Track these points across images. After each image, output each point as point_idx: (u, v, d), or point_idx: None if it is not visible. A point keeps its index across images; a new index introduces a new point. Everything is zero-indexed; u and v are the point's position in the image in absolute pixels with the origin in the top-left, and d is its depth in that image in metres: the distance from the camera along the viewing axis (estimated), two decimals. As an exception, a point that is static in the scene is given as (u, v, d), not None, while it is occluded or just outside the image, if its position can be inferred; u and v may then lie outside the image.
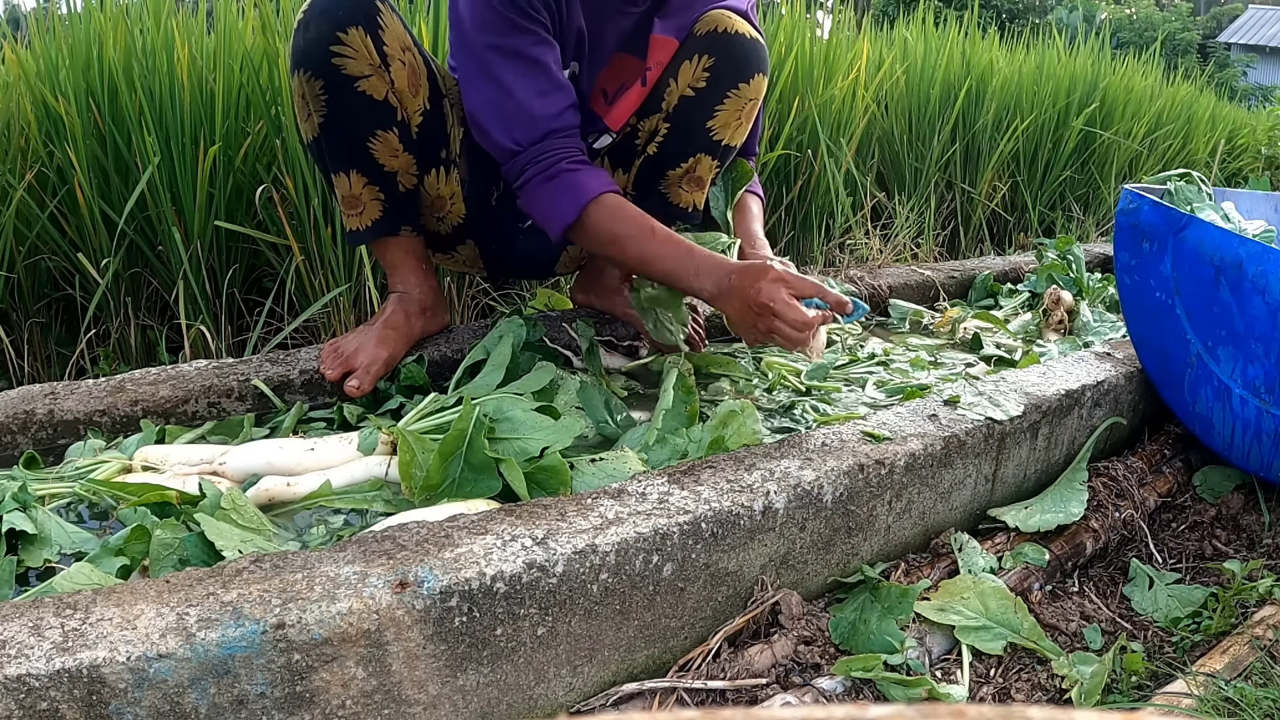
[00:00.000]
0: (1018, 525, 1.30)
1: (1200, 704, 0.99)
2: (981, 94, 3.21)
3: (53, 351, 1.88)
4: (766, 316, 1.28)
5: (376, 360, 1.42)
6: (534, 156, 1.35)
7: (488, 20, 1.32)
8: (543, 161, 1.35)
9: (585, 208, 1.35)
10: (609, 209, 1.36)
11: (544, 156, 1.35)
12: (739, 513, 1.02)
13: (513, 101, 1.33)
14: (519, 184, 1.38)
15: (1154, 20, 23.50)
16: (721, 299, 1.33)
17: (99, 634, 0.72)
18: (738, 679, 0.98)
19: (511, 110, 1.34)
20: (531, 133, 1.35)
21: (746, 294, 1.28)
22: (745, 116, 1.50)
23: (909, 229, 2.81)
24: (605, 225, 1.36)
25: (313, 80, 1.34)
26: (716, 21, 1.46)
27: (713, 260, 1.34)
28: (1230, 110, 5.47)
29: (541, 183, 1.36)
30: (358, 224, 1.46)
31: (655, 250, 1.35)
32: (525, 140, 1.35)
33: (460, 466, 1.14)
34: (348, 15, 1.31)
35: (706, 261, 1.34)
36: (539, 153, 1.35)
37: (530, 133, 1.35)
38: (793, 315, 1.26)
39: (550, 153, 1.36)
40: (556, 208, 1.36)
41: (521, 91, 1.33)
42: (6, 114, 1.84)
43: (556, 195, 1.35)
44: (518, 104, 1.33)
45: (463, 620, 0.84)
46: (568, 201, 1.35)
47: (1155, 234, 1.51)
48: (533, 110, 1.34)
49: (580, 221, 1.36)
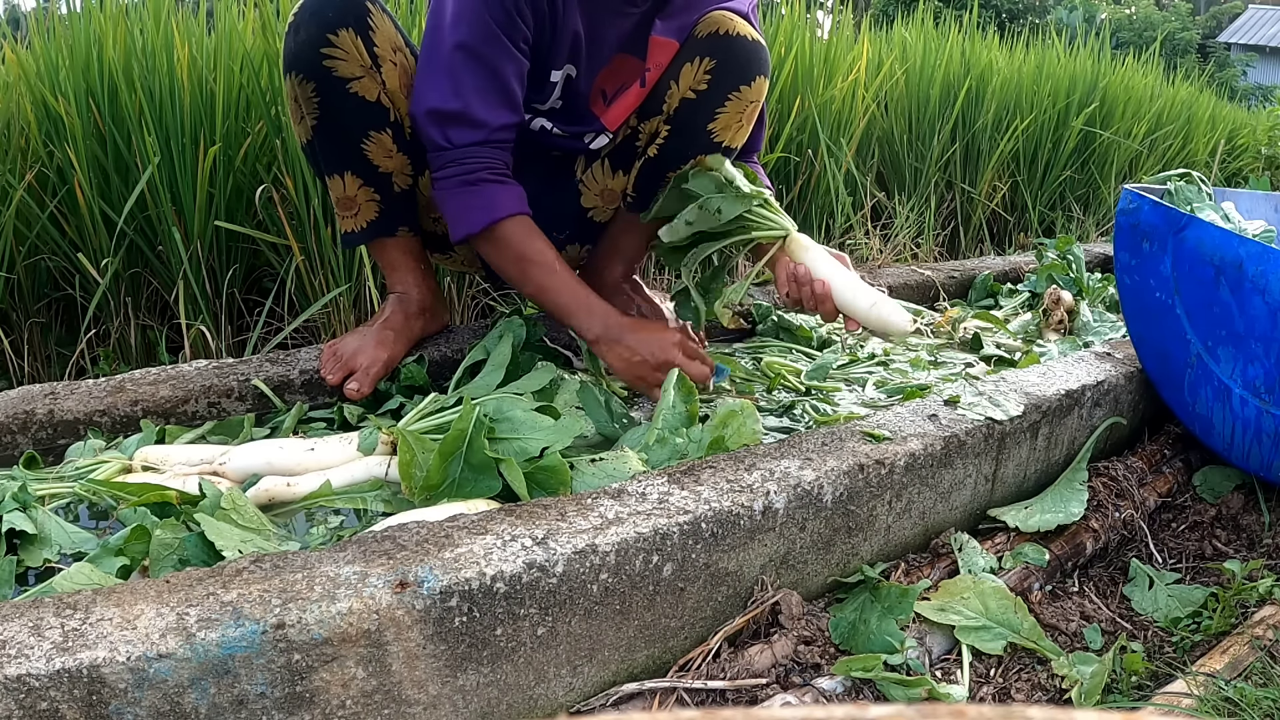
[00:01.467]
0: (1018, 525, 1.30)
1: (1200, 704, 0.99)
2: (981, 94, 3.21)
3: (53, 351, 1.88)
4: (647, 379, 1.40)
5: (376, 362, 1.42)
6: (460, 157, 1.37)
7: (468, 19, 1.32)
8: (468, 164, 1.37)
9: (498, 222, 1.38)
10: (519, 230, 1.40)
11: (469, 160, 1.37)
12: (739, 513, 1.02)
13: (460, 103, 1.34)
14: (437, 177, 1.40)
15: (1154, 20, 23.50)
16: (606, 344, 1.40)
17: (99, 634, 0.72)
18: (738, 679, 0.98)
19: (455, 110, 1.35)
20: (468, 136, 1.36)
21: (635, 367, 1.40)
22: (746, 118, 1.50)
23: (909, 229, 2.81)
24: (514, 245, 1.40)
25: (305, 83, 1.34)
26: (718, 23, 1.46)
27: (606, 308, 1.42)
28: (1230, 110, 5.48)
29: (460, 185, 1.38)
30: (353, 225, 1.46)
31: (554, 283, 1.41)
32: (458, 141, 1.36)
33: (460, 466, 1.14)
34: (338, 17, 1.31)
35: (600, 307, 1.41)
36: (466, 155, 1.37)
37: (466, 136, 1.36)
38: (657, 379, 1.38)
39: (476, 158, 1.37)
40: (469, 213, 1.38)
41: (472, 97, 1.34)
42: (6, 114, 1.84)
43: (471, 201, 1.38)
44: (465, 108, 1.35)
45: (463, 620, 0.84)
46: (481, 210, 1.38)
47: (1155, 234, 1.51)
48: (475, 116, 1.35)
49: (488, 233, 1.39)
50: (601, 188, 1.62)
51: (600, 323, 1.40)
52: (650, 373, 1.39)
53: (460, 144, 1.36)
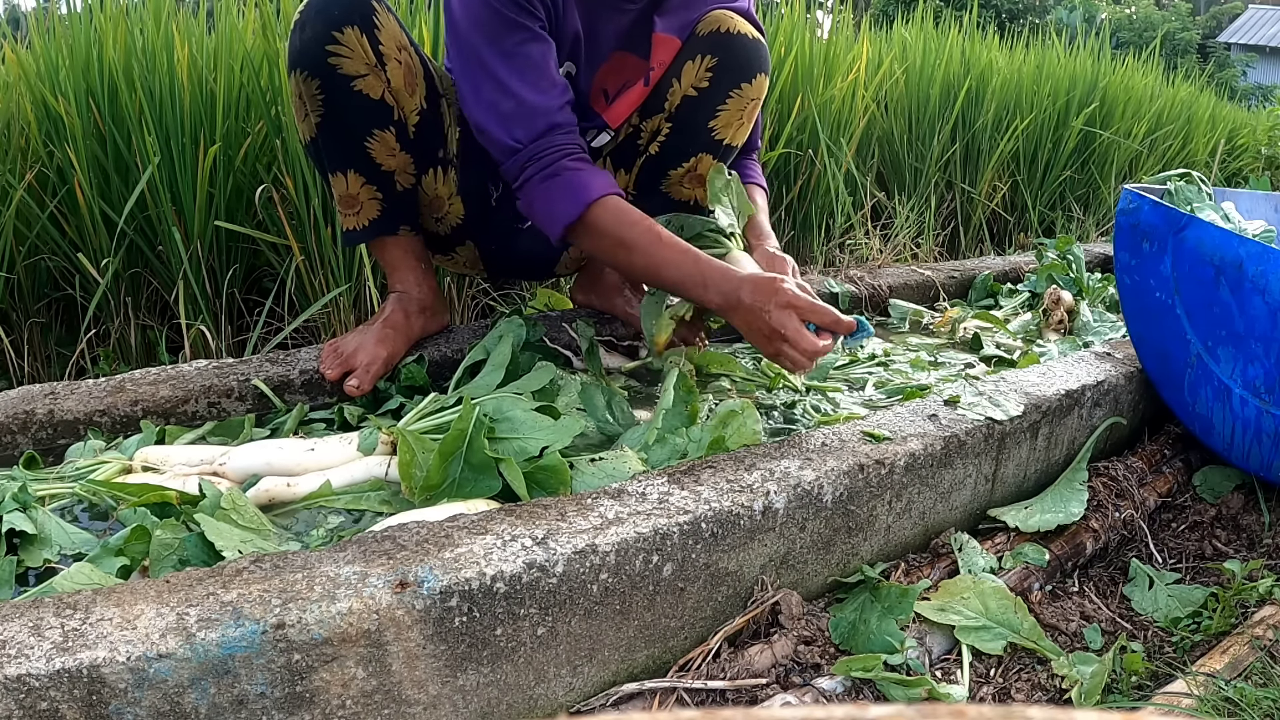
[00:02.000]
0: (1018, 525, 1.30)
1: (1200, 704, 0.99)
2: (981, 94, 3.21)
3: (53, 351, 1.88)
4: (776, 341, 1.25)
5: (376, 360, 1.42)
6: (534, 154, 1.32)
7: (483, 19, 1.31)
8: (544, 158, 1.32)
9: (589, 206, 1.31)
10: (614, 211, 1.33)
11: (545, 153, 1.32)
12: (739, 513, 1.02)
13: (510, 99, 1.31)
14: (519, 183, 1.35)
15: (1153, 20, 23.50)
16: (730, 312, 1.29)
17: (99, 634, 0.72)
18: (738, 679, 0.98)
19: (509, 108, 1.32)
20: (531, 129, 1.32)
21: (757, 315, 1.25)
22: (747, 116, 1.50)
23: (909, 229, 2.81)
24: (611, 228, 1.32)
25: (309, 80, 1.34)
26: (719, 21, 1.46)
27: (720, 271, 1.30)
28: (1230, 110, 5.47)
29: (542, 180, 1.33)
30: (355, 223, 1.46)
31: (663, 257, 1.31)
32: (525, 137, 1.32)
33: (460, 466, 1.14)
34: (343, 15, 1.31)
35: (714, 272, 1.30)
36: (540, 149, 1.32)
37: (530, 129, 1.32)
38: (804, 345, 1.23)
39: (552, 149, 1.32)
40: (558, 205, 1.32)
41: (518, 88, 1.31)
42: (6, 114, 1.84)
43: (558, 193, 1.32)
44: (516, 101, 1.31)
45: (463, 620, 0.84)
46: (570, 199, 1.32)
47: (1155, 234, 1.51)
48: (531, 106, 1.31)
49: (583, 221, 1.33)
50: None
51: (716, 291, 1.28)
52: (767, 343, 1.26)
53: (528, 140, 1.32)
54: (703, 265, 1.30)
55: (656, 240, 1.32)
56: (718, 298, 1.28)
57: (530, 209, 1.38)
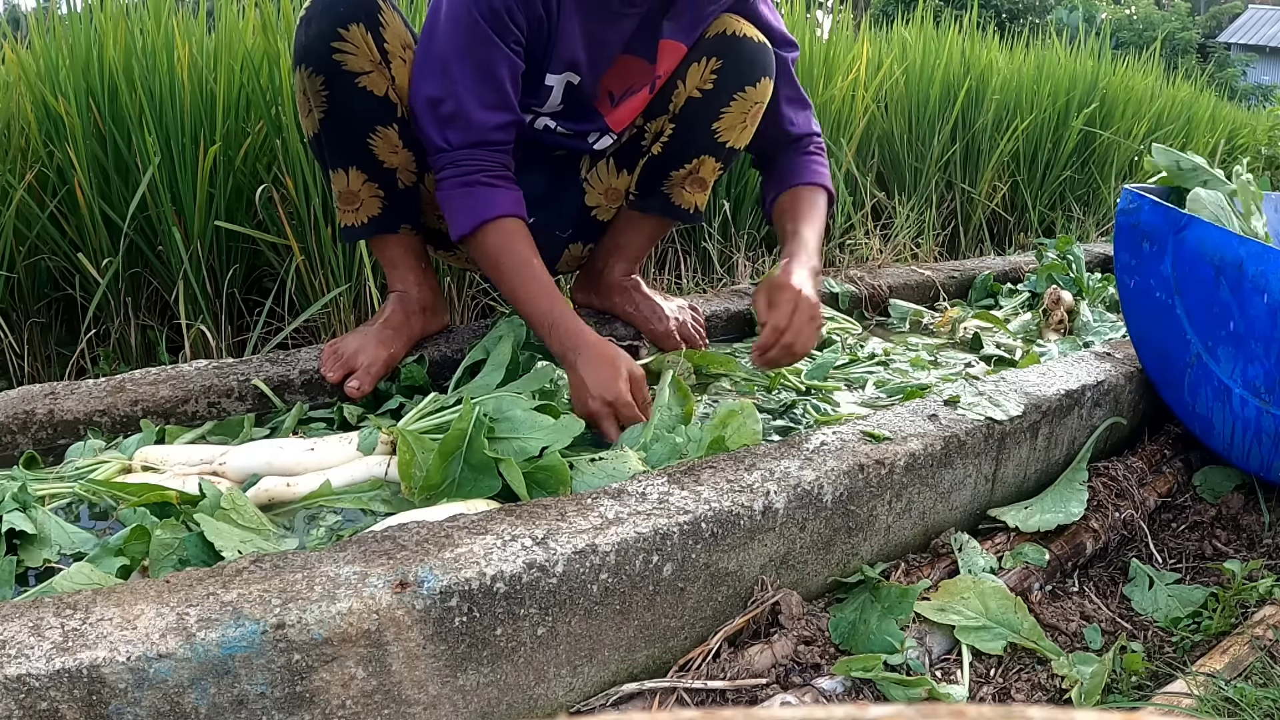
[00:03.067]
0: (1018, 525, 1.30)
1: (1200, 704, 0.99)
2: (981, 94, 3.21)
3: (53, 351, 1.88)
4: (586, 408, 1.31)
5: (377, 361, 1.42)
6: (457, 159, 1.37)
7: (462, 22, 1.33)
8: (464, 165, 1.37)
9: (483, 224, 1.37)
10: (503, 234, 1.38)
11: (466, 161, 1.37)
12: (739, 513, 1.02)
13: (455, 103, 1.35)
14: (439, 178, 1.40)
15: (1154, 20, 23.51)
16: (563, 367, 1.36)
17: (99, 634, 0.72)
18: (738, 679, 0.98)
19: (450, 110, 1.35)
20: (465, 137, 1.36)
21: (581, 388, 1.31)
22: (750, 119, 1.51)
23: (909, 229, 2.81)
24: (492, 250, 1.38)
25: (314, 76, 1.34)
26: (725, 24, 1.48)
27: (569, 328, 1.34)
28: (1230, 110, 5.47)
29: (456, 186, 1.38)
30: (353, 220, 1.47)
31: (525, 291, 1.37)
32: (457, 142, 1.37)
33: (460, 466, 1.14)
34: (349, 12, 1.32)
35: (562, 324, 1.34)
36: (462, 157, 1.37)
37: (463, 137, 1.36)
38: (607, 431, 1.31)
39: (473, 160, 1.37)
40: (460, 214, 1.38)
41: (467, 98, 1.35)
42: (6, 114, 1.84)
43: (463, 203, 1.38)
44: (460, 108, 1.35)
45: (463, 620, 0.84)
46: (470, 212, 1.37)
47: (1155, 234, 1.51)
48: (471, 118, 1.35)
49: (474, 236, 1.38)
50: (606, 187, 1.62)
51: (558, 342, 1.34)
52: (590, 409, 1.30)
53: (458, 145, 1.37)
54: (556, 312, 1.35)
55: (527, 274, 1.37)
56: (557, 347, 1.35)
57: (442, 207, 1.42)
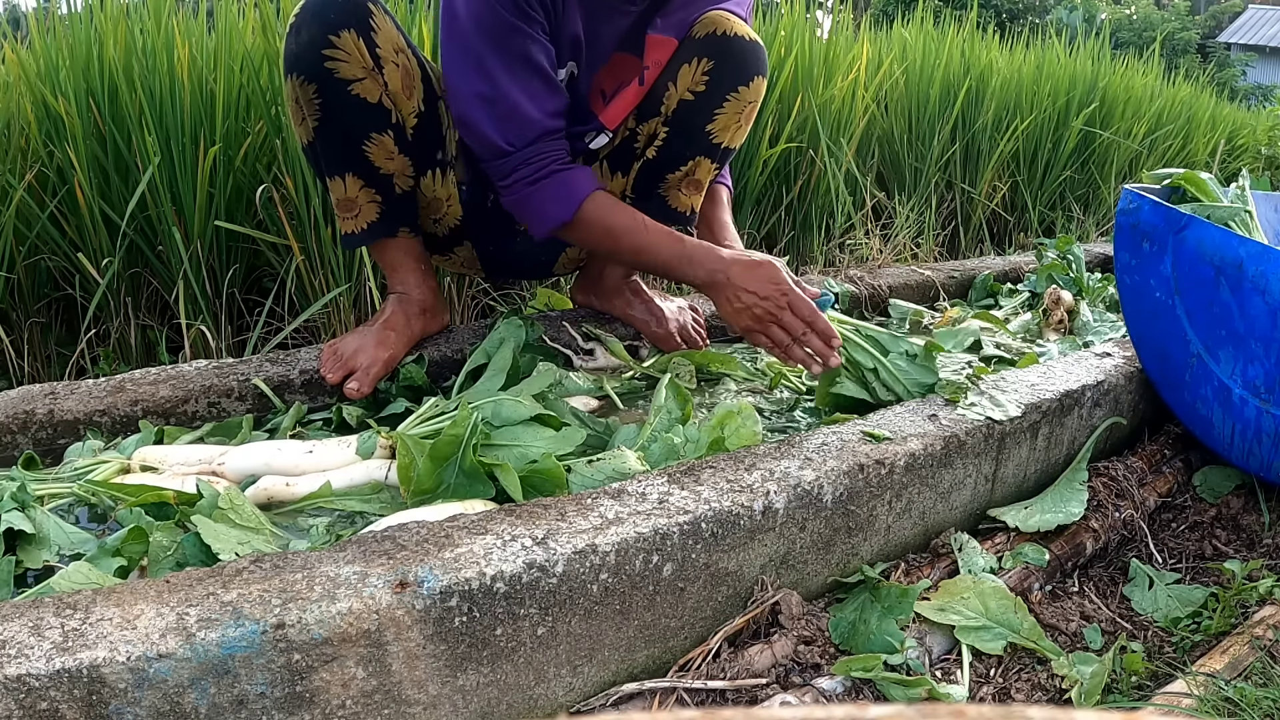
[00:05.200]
0: (1018, 525, 1.30)
1: (1200, 704, 0.99)
2: (981, 94, 3.21)
3: (53, 351, 1.88)
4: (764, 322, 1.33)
5: (376, 361, 1.42)
6: (526, 159, 1.37)
7: (485, 19, 1.31)
8: (534, 164, 1.38)
9: (581, 205, 1.38)
10: (602, 205, 1.40)
11: (536, 159, 1.37)
12: (739, 513, 1.02)
13: (507, 102, 1.34)
14: (506, 184, 1.40)
15: (1153, 20, 23.51)
16: (715, 290, 1.37)
17: (99, 634, 0.72)
18: (738, 679, 0.98)
19: (505, 110, 1.34)
20: (524, 134, 1.36)
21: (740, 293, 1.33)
22: (745, 119, 1.50)
23: (909, 229, 2.81)
24: (600, 220, 1.40)
25: (306, 84, 1.34)
26: (715, 23, 1.45)
27: (706, 250, 1.39)
28: (1230, 110, 5.47)
29: (530, 184, 1.38)
30: (353, 227, 1.46)
31: (648, 240, 1.40)
32: (519, 142, 1.36)
33: (455, 472, 1.14)
34: (339, 18, 1.31)
35: (699, 251, 1.39)
36: (531, 155, 1.37)
37: (523, 134, 1.36)
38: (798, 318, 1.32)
39: (541, 155, 1.38)
40: (550, 207, 1.39)
41: (516, 92, 1.34)
42: (6, 114, 1.84)
43: (549, 194, 1.38)
44: (512, 105, 1.34)
45: (463, 620, 0.84)
46: (562, 200, 1.38)
47: (1155, 234, 1.51)
48: (526, 112, 1.35)
49: (575, 219, 1.40)
50: None
51: (702, 269, 1.38)
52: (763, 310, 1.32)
53: (521, 145, 1.37)
54: (688, 245, 1.40)
55: (643, 226, 1.40)
56: (703, 275, 1.38)
57: (520, 208, 1.43)
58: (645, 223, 1.41)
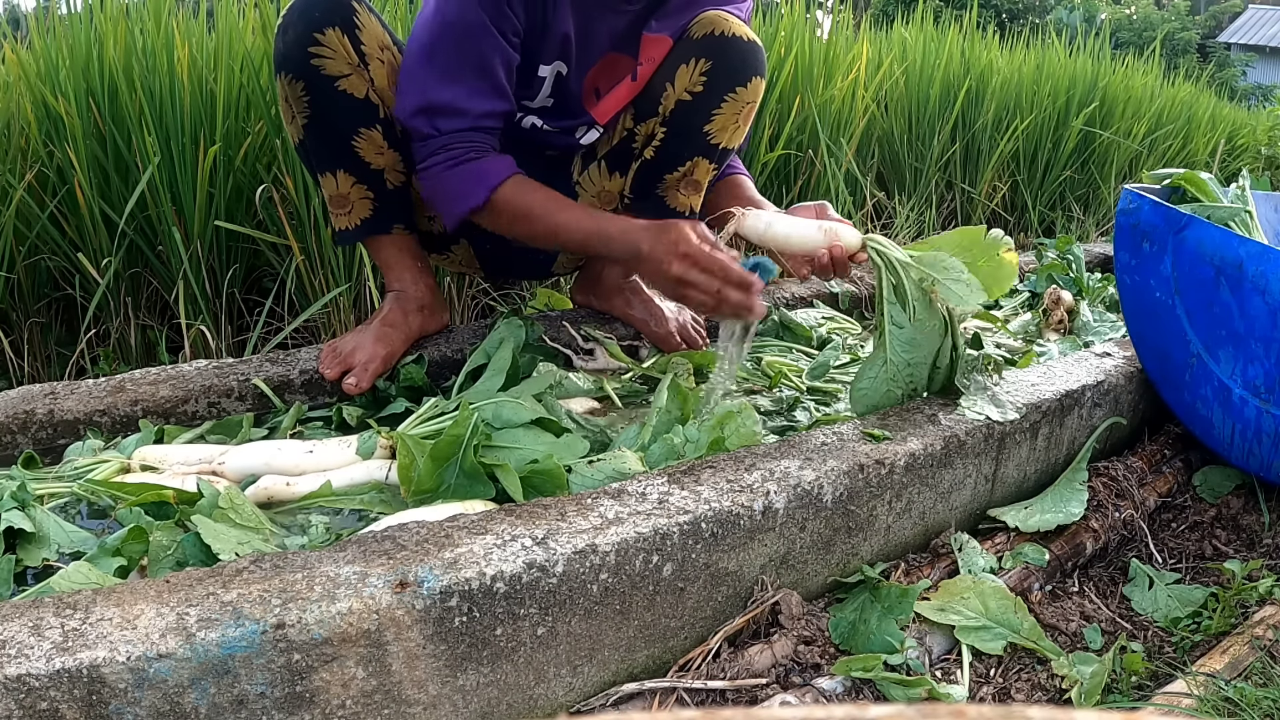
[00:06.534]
0: (1018, 525, 1.30)
1: (1200, 704, 0.99)
2: (981, 94, 3.21)
3: (53, 351, 1.88)
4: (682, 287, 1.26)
5: (375, 358, 1.42)
6: (448, 144, 1.36)
7: (452, 12, 1.32)
8: (456, 150, 1.36)
9: (495, 188, 1.36)
10: (518, 189, 1.38)
11: (458, 145, 1.36)
12: (739, 513, 1.02)
13: (447, 93, 1.34)
14: (424, 166, 1.39)
15: (1153, 20, 23.52)
16: (635, 264, 1.33)
17: (99, 634, 0.72)
18: (738, 679, 0.98)
19: (445, 100, 1.34)
20: (454, 124, 1.36)
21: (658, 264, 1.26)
22: (743, 119, 1.50)
23: (909, 229, 2.81)
24: (513, 203, 1.37)
25: (294, 82, 1.36)
26: (713, 24, 1.44)
27: (621, 225, 1.34)
28: (1230, 110, 5.47)
29: (448, 168, 1.37)
30: (346, 223, 1.47)
31: (563, 221, 1.36)
32: (445, 128, 1.36)
33: (455, 472, 1.14)
34: (324, 17, 1.33)
35: (614, 227, 1.34)
36: (453, 141, 1.36)
37: (452, 123, 1.36)
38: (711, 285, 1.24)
39: (465, 142, 1.36)
40: (464, 190, 1.37)
41: (459, 89, 1.34)
42: (6, 114, 1.84)
43: (463, 179, 1.36)
44: (451, 97, 1.34)
45: (463, 620, 0.84)
46: (476, 184, 1.36)
47: (1155, 234, 1.51)
48: (462, 107, 1.35)
49: (489, 204, 1.37)
50: (599, 189, 1.62)
51: (620, 246, 1.33)
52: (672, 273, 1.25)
53: (447, 131, 1.36)
54: (603, 221, 1.36)
55: (556, 206, 1.37)
56: (621, 251, 1.33)
57: (434, 193, 1.41)
58: (562, 203, 1.37)
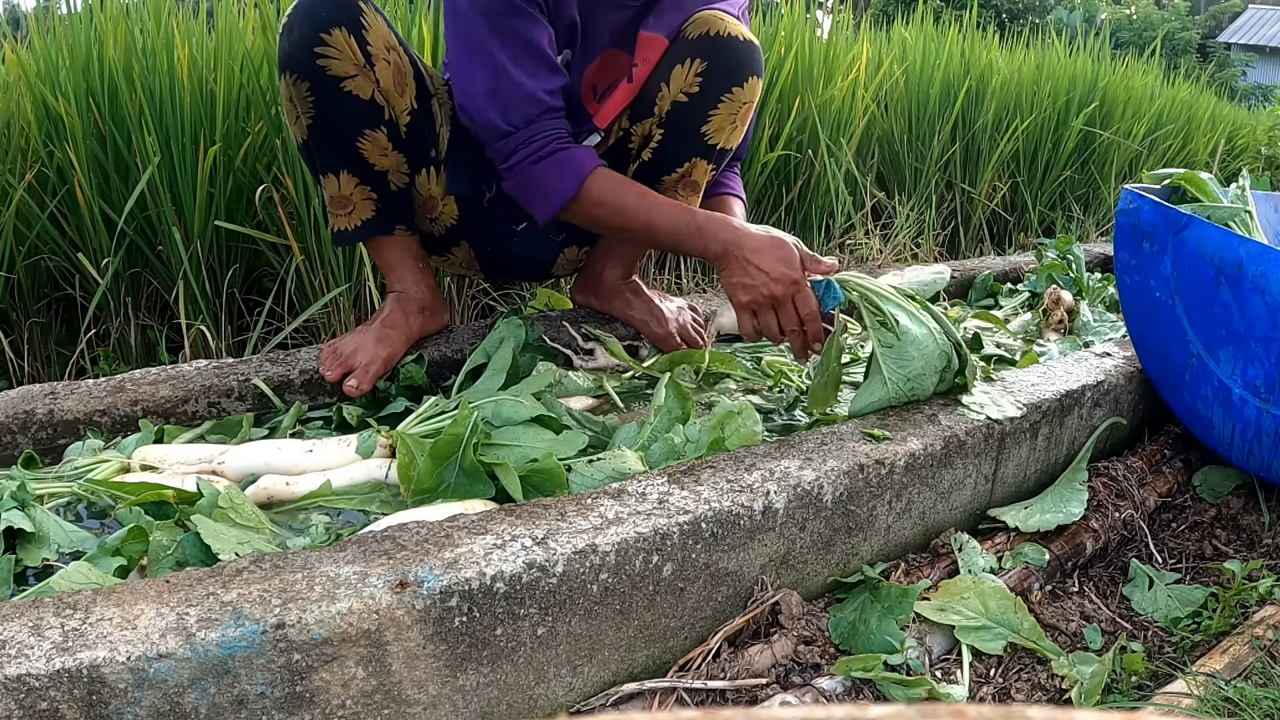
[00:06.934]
0: (1018, 525, 1.30)
1: (1200, 704, 0.99)
2: (981, 94, 3.21)
3: (53, 351, 1.88)
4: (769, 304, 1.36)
5: (375, 360, 1.42)
6: (528, 138, 1.36)
7: (484, 3, 1.32)
8: (536, 142, 1.37)
9: (584, 181, 1.38)
10: (607, 180, 1.40)
11: (537, 138, 1.36)
12: (739, 513, 1.02)
13: (509, 84, 1.34)
14: (509, 165, 1.39)
15: (1153, 20, 23.53)
16: (726, 262, 1.37)
17: (99, 634, 0.72)
18: (738, 679, 0.98)
19: (508, 92, 1.34)
20: (525, 114, 1.35)
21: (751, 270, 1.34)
22: (740, 119, 1.49)
23: (909, 229, 2.81)
24: (605, 195, 1.39)
25: (299, 82, 1.34)
26: (708, 24, 1.43)
27: (719, 221, 1.38)
28: (1230, 110, 5.47)
29: (534, 163, 1.37)
30: (346, 224, 1.46)
31: (657, 214, 1.39)
32: (519, 122, 1.36)
33: (455, 471, 1.14)
34: (330, 16, 1.32)
35: (711, 222, 1.39)
36: (532, 134, 1.36)
37: (524, 114, 1.35)
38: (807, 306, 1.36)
39: (543, 133, 1.37)
40: (555, 184, 1.38)
41: (517, 73, 1.34)
42: (6, 114, 1.84)
43: (553, 172, 1.37)
44: (514, 86, 1.34)
45: (463, 620, 0.84)
46: (567, 176, 1.37)
47: (1155, 234, 1.51)
48: (527, 91, 1.34)
49: (580, 195, 1.38)
50: None
51: (715, 241, 1.37)
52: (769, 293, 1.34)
53: (522, 124, 1.36)
54: (698, 216, 1.39)
55: (649, 200, 1.40)
56: (715, 248, 1.37)
57: (523, 189, 1.41)
58: (652, 196, 1.40)
